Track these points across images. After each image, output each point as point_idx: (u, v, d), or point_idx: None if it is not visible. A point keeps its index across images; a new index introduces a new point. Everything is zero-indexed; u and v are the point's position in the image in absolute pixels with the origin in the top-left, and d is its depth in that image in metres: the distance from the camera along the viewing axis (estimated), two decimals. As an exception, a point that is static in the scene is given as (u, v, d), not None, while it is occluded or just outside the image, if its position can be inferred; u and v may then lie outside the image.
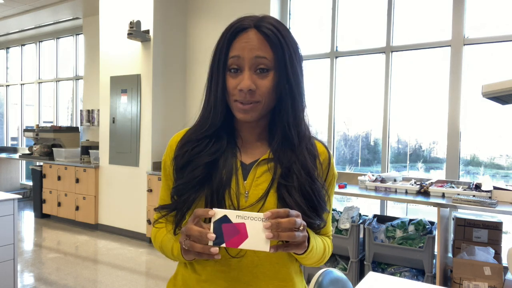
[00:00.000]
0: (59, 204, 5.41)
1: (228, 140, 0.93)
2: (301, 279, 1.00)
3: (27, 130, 6.24)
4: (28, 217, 5.87)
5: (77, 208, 5.20)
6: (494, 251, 2.87)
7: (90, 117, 5.78)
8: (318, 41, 4.20)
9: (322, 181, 0.92)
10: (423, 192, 3.12)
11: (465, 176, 3.52)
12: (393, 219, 3.26)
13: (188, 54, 4.87)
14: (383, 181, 3.33)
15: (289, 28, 3.06)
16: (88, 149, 5.32)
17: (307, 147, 0.92)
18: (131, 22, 4.35)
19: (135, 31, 4.34)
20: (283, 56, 0.87)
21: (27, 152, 6.36)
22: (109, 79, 4.88)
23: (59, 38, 6.93)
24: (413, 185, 3.21)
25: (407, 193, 3.15)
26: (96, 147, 5.26)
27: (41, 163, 5.74)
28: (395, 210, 3.84)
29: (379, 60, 3.82)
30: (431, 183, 3.19)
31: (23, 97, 7.67)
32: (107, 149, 4.94)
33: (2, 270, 2.77)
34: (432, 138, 3.78)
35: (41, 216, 5.67)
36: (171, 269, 3.69)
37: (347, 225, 3.13)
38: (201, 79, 4.72)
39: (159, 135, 4.60)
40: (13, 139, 7.98)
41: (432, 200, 2.93)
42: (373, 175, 3.45)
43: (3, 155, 6.64)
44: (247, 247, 0.74)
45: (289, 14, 4.37)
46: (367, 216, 3.41)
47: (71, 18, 6.08)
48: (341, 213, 3.29)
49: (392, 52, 3.74)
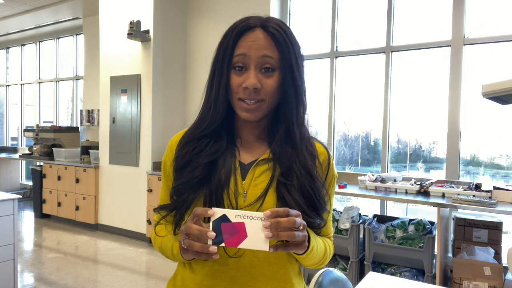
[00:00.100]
0: (59, 204, 5.41)
1: (227, 140, 0.94)
2: (301, 280, 1.00)
3: (27, 130, 6.24)
4: (28, 217, 5.87)
5: (77, 208, 5.20)
6: (494, 251, 2.87)
7: (90, 117, 5.78)
8: (318, 41, 4.20)
9: (322, 180, 0.92)
10: (423, 192, 3.12)
11: (465, 176, 3.52)
12: (393, 219, 3.26)
13: (188, 54, 4.87)
14: (383, 181, 3.33)
15: (289, 28, 3.05)
16: (88, 149, 5.32)
17: (307, 147, 0.93)
18: (131, 22, 4.35)
19: (135, 31, 4.34)
20: (289, 56, 0.88)
21: (27, 152, 6.36)
22: (109, 79, 4.88)
23: (59, 38, 6.93)
24: (413, 185, 3.21)
25: (407, 193, 3.15)
26: (96, 147, 5.26)
27: (41, 163, 5.74)
28: (395, 210, 3.84)
29: (379, 60, 3.82)
30: (431, 183, 3.19)
31: (23, 97, 7.68)
32: (107, 149, 4.94)
33: (2, 270, 2.77)
34: (432, 138, 3.78)
35: (41, 216, 5.67)
36: (171, 269, 3.69)
37: (347, 225, 3.13)
38: (201, 79, 4.72)
39: (159, 135, 4.60)
40: (13, 139, 7.98)
41: (432, 200, 2.92)
42: (373, 175, 3.45)
43: (3, 155, 6.64)
44: (246, 246, 0.74)
45: (289, 14, 4.37)
46: (367, 216, 3.41)
47: (71, 18, 6.08)
48: (341, 213, 3.29)
49: (392, 52, 3.74)
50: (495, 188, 2.89)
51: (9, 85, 7.95)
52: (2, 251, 2.77)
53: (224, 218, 0.74)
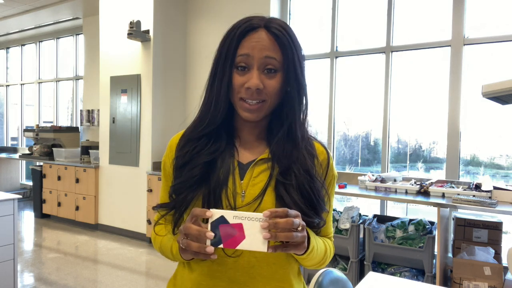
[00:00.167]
0: (59, 204, 5.41)
1: (227, 139, 0.94)
2: (300, 281, 1.00)
3: (27, 130, 6.24)
4: (28, 217, 5.87)
5: (77, 208, 5.21)
6: (494, 251, 2.87)
7: (90, 117, 5.78)
8: (318, 41, 4.20)
9: (321, 180, 0.92)
10: (423, 192, 3.12)
11: (465, 176, 3.52)
12: (393, 219, 3.26)
13: (188, 54, 4.87)
14: (383, 181, 3.33)
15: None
16: (88, 149, 5.32)
17: (306, 147, 0.93)
18: (131, 22, 4.35)
19: (135, 31, 4.34)
20: (292, 58, 0.88)
21: (27, 152, 6.36)
22: (109, 79, 4.88)
23: (59, 38, 6.93)
24: (413, 185, 3.21)
25: (407, 193, 3.15)
26: (96, 147, 5.26)
27: (41, 163, 5.74)
28: (395, 210, 3.84)
29: (379, 60, 3.82)
30: (431, 183, 3.19)
31: (23, 97, 7.68)
32: (107, 149, 4.94)
33: (2, 270, 2.77)
34: (432, 138, 3.78)
35: (41, 216, 5.67)
36: (171, 269, 3.68)
37: (347, 225, 3.13)
38: (201, 79, 4.72)
39: (159, 135, 4.60)
40: (13, 139, 7.98)
41: (432, 200, 2.92)
42: (373, 175, 3.45)
43: (3, 155, 6.64)
44: (244, 247, 0.74)
45: (289, 14, 4.36)
46: (367, 216, 3.41)
47: (71, 18, 6.08)
48: (341, 213, 3.29)
49: (392, 52, 3.74)
50: (495, 188, 2.89)
51: (9, 85, 7.95)
52: (2, 251, 2.77)
53: (222, 219, 0.74)
